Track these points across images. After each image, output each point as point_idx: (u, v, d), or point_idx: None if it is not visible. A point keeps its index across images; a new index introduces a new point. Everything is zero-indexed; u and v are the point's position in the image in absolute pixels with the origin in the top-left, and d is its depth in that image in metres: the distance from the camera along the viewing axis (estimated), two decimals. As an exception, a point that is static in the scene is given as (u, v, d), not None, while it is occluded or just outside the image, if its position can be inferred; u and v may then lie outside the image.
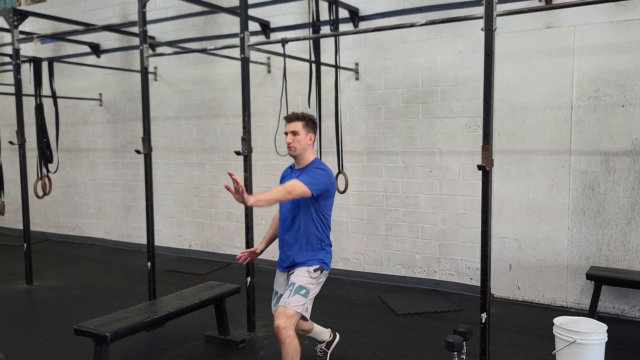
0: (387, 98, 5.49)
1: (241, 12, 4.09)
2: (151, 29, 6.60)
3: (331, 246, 3.33)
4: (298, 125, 3.19)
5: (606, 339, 3.24)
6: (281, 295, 3.23)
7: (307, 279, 3.14)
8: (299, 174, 3.21)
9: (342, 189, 5.24)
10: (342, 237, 5.89)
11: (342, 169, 5.23)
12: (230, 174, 2.69)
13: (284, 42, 4.04)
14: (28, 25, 6.97)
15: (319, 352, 3.68)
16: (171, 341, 4.13)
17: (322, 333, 3.67)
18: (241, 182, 2.76)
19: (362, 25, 5.54)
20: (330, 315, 4.67)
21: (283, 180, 3.40)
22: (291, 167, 3.44)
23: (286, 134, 3.22)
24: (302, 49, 5.47)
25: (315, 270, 3.17)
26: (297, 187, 3.01)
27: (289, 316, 3.01)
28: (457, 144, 5.18)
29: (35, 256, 5.98)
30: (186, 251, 7.08)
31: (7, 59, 7.49)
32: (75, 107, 7.85)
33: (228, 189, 2.72)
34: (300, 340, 4.09)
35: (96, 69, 7.40)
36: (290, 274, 3.23)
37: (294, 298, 3.04)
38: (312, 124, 3.26)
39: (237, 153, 4.12)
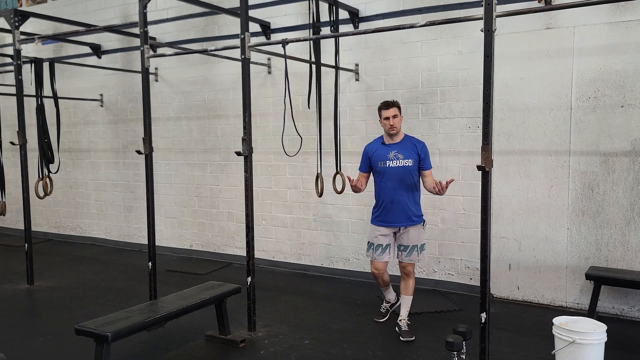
0: (387, 99, 5.48)
1: (242, 13, 4.11)
2: (152, 30, 6.62)
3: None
4: (396, 110, 4.10)
5: (605, 339, 3.25)
6: (388, 245, 4.19)
7: (423, 235, 4.23)
8: (398, 149, 4.12)
9: (339, 189, 5.25)
10: (342, 237, 5.90)
11: (340, 170, 5.24)
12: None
13: (284, 43, 4.06)
14: (29, 26, 6.99)
15: (383, 309, 4.58)
16: (172, 341, 4.14)
17: (390, 294, 4.56)
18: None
19: (362, 26, 5.55)
20: (331, 315, 4.69)
21: (374, 153, 4.19)
22: (382, 142, 4.20)
23: (387, 118, 4.08)
24: (302, 49, 5.48)
25: (423, 224, 4.24)
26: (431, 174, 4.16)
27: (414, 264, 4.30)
28: (456, 145, 5.19)
29: (36, 256, 5.99)
30: (187, 251, 7.10)
31: (8, 60, 7.51)
32: (77, 108, 7.87)
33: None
34: (301, 341, 4.11)
35: (97, 70, 7.42)
36: (404, 231, 4.14)
37: (423, 254, 4.23)
38: (400, 107, 4.20)
39: (238, 153, 4.14)
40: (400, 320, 4.24)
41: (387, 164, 4.10)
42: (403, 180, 4.08)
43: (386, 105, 4.13)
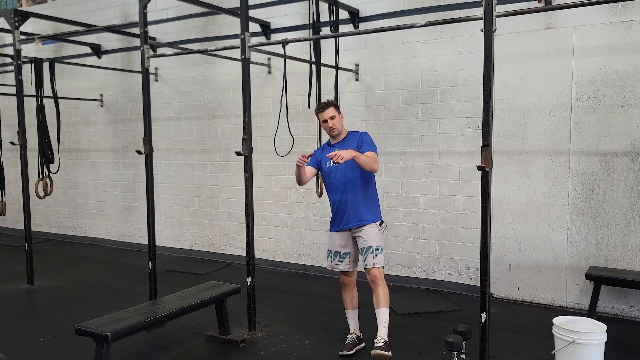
0: (387, 99, 5.50)
1: (242, 13, 4.11)
2: (152, 30, 6.62)
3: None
4: (333, 110, 3.87)
5: (605, 339, 3.25)
6: (347, 253, 3.93)
7: (379, 235, 3.86)
8: (341, 147, 3.86)
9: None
10: (342, 238, 5.90)
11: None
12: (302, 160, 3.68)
13: (284, 43, 4.06)
14: (29, 26, 7.00)
15: (350, 339, 3.94)
16: (172, 341, 4.14)
17: (354, 322, 4.05)
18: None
19: (362, 26, 5.55)
20: (331, 315, 4.69)
21: (321, 156, 3.98)
22: (328, 144, 4.03)
23: (325, 121, 3.86)
24: (302, 49, 5.48)
25: (380, 224, 3.90)
26: (373, 155, 3.80)
27: (380, 270, 3.84)
28: (456, 145, 5.19)
29: (36, 256, 5.99)
30: (187, 251, 7.10)
31: (9, 60, 7.51)
32: (77, 108, 7.88)
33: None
34: (301, 341, 4.11)
35: (97, 70, 7.42)
36: (357, 233, 3.86)
37: (379, 258, 3.82)
38: (337, 106, 3.97)
39: (238, 153, 4.14)
40: (376, 338, 3.72)
41: (332, 163, 3.86)
42: (349, 176, 3.82)
43: (321, 107, 3.89)
